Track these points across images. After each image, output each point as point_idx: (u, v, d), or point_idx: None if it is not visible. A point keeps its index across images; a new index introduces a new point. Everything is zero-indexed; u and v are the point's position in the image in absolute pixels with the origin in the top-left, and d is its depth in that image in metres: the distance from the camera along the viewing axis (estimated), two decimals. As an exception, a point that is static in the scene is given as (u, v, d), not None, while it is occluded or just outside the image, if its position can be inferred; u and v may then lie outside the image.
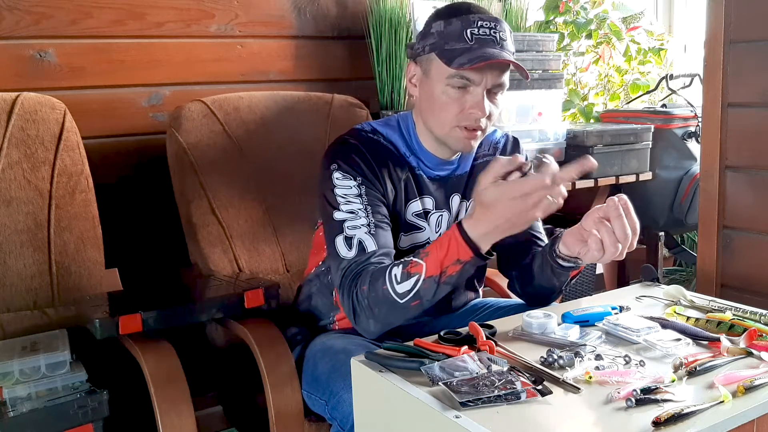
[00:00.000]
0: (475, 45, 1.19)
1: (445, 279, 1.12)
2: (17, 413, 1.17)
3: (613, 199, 1.08)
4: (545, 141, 2.24)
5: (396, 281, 1.13)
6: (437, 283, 1.12)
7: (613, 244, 1.07)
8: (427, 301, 1.14)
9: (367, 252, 1.20)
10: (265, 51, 2.02)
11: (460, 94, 1.23)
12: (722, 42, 1.73)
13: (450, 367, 0.93)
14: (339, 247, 1.22)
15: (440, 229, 1.36)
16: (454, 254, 1.10)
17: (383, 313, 1.16)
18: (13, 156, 1.49)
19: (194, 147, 1.68)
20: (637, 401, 0.83)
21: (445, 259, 1.11)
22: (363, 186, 1.25)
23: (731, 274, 1.79)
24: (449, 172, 1.36)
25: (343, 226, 1.22)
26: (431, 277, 1.11)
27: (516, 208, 1.04)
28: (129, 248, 1.80)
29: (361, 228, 1.22)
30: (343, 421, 1.18)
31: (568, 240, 1.17)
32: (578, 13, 2.66)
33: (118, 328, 1.25)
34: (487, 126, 1.27)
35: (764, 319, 1.11)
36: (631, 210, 1.08)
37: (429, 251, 1.13)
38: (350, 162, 1.27)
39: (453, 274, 1.11)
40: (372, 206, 1.25)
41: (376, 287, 1.15)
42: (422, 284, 1.12)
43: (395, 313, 1.15)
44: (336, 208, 1.24)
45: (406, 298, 1.13)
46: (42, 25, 1.70)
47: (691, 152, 2.48)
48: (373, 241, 1.21)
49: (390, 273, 1.14)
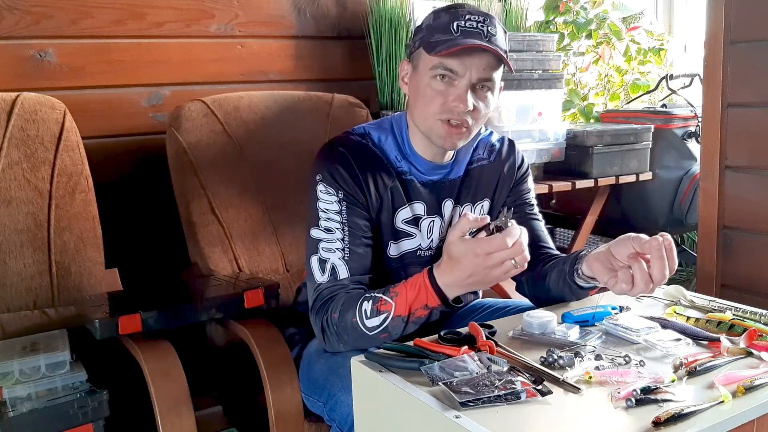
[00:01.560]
0: (460, 36, 1.18)
1: (413, 320, 1.16)
2: (17, 413, 1.17)
3: (657, 238, 1.05)
4: (545, 141, 2.24)
5: (366, 316, 1.16)
6: (405, 323, 1.16)
7: (645, 283, 1.05)
8: (395, 335, 1.17)
9: (339, 279, 1.23)
10: (265, 51, 2.02)
11: (444, 87, 1.21)
12: (722, 42, 1.73)
13: (450, 367, 0.93)
14: (313, 269, 1.25)
15: (432, 235, 1.35)
16: (422, 299, 1.14)
17: (352, 340, 1.20)
18: (13, 156, 1.49)
19: (194, 147, 1.68)
20: (637, 401, 0.83)
21: (414, 303, 1.14)
22: (344, 202, 1.26)
23: (731, 274, 1.79)
24: (442, 176, 1.34)
25: (318, 247, 1.25)
26: (399, 317, 1.15)
27: (479, 265, 1.07)
28: (129, 248, 1.80)
29: (335, 252, 1.24)
30: (342, 422, 1.17)
31: (594, 265, 1.14)
32: (578, 13, 2.66)
33: (118, 328, 1.25)
34: (473, 125, 1.24)
35: (764, 319, 1.10)
36: (674, 252, 1.06)
37: (399, 291, 1.16)
38: (334, 173, 1.27)
39: (421, 316, 1.15)
40: (350, 226, 1.26)
41: (346, 318, 1.18)
42: (390, 322, 1.15)
43: (364, 341, 1.17)
44: (315, 224, 1.27)
45: (375, 331, 1.16)
46: (42, 25, 1.70)
47: (691, 152, 2.48)
48: (345, 269, 1.24)
49: (360, 307, 1.17)
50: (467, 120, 1.22)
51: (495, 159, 1.40)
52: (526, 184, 1.43)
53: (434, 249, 1.36)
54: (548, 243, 1.39)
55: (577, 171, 2.33)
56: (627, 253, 1.08)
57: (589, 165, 2.31)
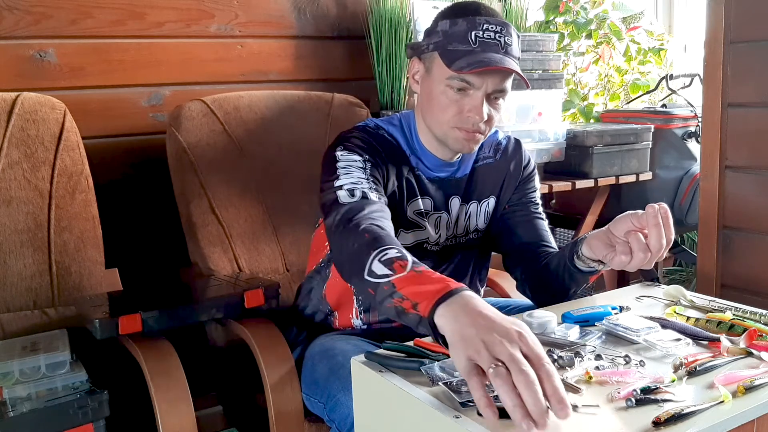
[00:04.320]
0: (478, 49, 1.18)
1: (398, 303, 0.95)
2: (17, 413, 1.17)
3: (653, 206, 1.05)
4: (545, 141, 2.24)
5: (380, 258, 1.00)
6: (390, 296, 0.96)
7: (643, 251, 1.05)
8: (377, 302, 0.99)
9: (371, 200, 1.15)
10: (265, 51, 2.02)
11: (459, 96, 1.22)
12: (722, 42, 1.73)
13: (450, 367, 0.93)
14: (341, 196, 1.16)
15: (440, 231, 1.36)
16: (421, 297, 0.91)
17: (352, 253, 1.05)
18: (13, 156, 1.49)
19: (194, 147, 1.68)
20: (637, 401, 0.83)
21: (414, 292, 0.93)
22: (368, 163, 1.23)
23: (731, 274, 1.79)
24: (449, 174, 1.36)
25: (343, 187, 1.17)
26: (393, 287, 0.96)
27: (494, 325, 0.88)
28: (129, 248, 1.80)
29: (363, 185, 1.18)
30: (341, 423, 1.18)
31: (594, 243, 1.14)
32: (578, 13, 2.66)
33: (118, 328, 1.25)
34: (486, 130, 1.26)
35: (764, 319, 1.10)
36: (670, 220, 1.06)
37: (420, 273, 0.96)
38: (357, 144, 1.26)
39: (405, 308, 0.93)
40: (374, 180, 1.21)
41: (371, 245, 1.02)
42: (384, 283, 0.97)
43: (355, 279, 1.04)
44: (336, 178, 1.19)
45: (370, 278, 0.99)
46: (42, 25, 1.70)
47: (691, 152, 2.48)
48: (376, 196, 1.17)
49: (385, 249, 1.01)
50: (481, 127, 1.24)
51: (501, 157, 1.41)
52: (532, 183, 1.44)
53: (441, 244, 1.37)
54: (551, 242, 1.39)
55: (577, 171, 2.34)
56: (626, 229, 1.08)
57: (589, 165, 2.31)
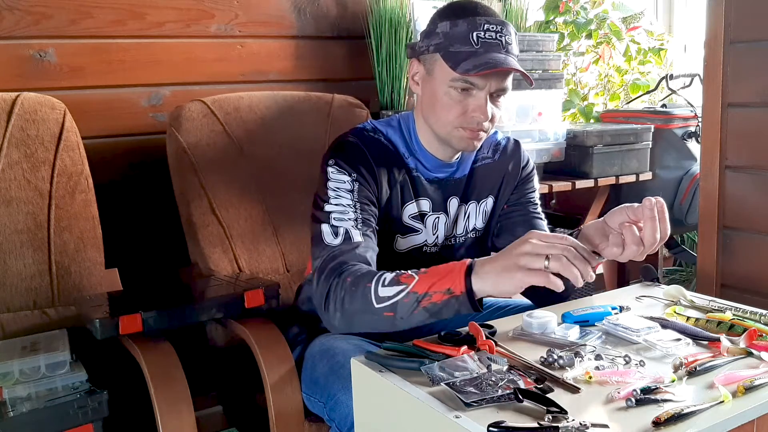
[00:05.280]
0: (481, 49, 1.19)
1: (427, 303, 1.04)
2: (17, 413, 1.17)
3: (649, 199, 1.06)
4: (545, 141, 2.24)
5: (382, 283, 1.08)
6: (417, 302, 1.05)
7: (636, 244, 1.05)
8: (400, 318, 1.07)
9: (354, 242, 1.18)
10: (265, 51, 2.02)
11: (462, 97, 1.22)
12: (722, 42, 1.73)
13: (450, 367, 0.93)
14: (325, 235, 1.19)
15: (437, 232, 1.36)
16: (448, 282, 1.03)
17: (352, 311, 1.11)
18: (13, 156, 1.49)
19: (194, 147, 1.68)
20: (637, 401, 0.83)
21: (438, 283, 1.04)
22: (356, 183, 1.25)
23: (731, 274, 1.79)
24: (448, 174, 1.36)
25: (330, 217, 1.21)
26: (415, 293, 1.05)
27: (516, 246, 1.00)
28: (129, 248, 1.80)
29: (348, 221, 1.21)
30: (341, 423, 1.18)
31: (589, 232, 1.16)
32: (578, 13, 2.66)
33: (118, 328, 1.25)
34: (489, 128, 1.27)
35: (764, 319, 1.11)
36: (666, 214, 1.06)
37: (428, 270, 1.08)
38: (348, 159, 1.26)
39: (437, 301, 1.04)
40: (362, 204, 1.24)
41: (359, 283, 1.10)
42: (404, 296, 1.05)
43: (365, 316, 1.10)
44: (326, 202, 1.23)
45: (382, 304, 1.07)
46: (42, 25, 1.70)
47: (691, 152, 2.48)
48: (359, 234, 1.20)
49: (380, 276, 1.10)
50: (485, 125, 1.25)
51: (499, 157, 1.41)
52: (531, 183, 1.45)
53: (440, 246, 1.37)
54: None
55: (577, 171, 2.34)
56: (621, 221, 1.08)
57: (589, 165, 2.31)
